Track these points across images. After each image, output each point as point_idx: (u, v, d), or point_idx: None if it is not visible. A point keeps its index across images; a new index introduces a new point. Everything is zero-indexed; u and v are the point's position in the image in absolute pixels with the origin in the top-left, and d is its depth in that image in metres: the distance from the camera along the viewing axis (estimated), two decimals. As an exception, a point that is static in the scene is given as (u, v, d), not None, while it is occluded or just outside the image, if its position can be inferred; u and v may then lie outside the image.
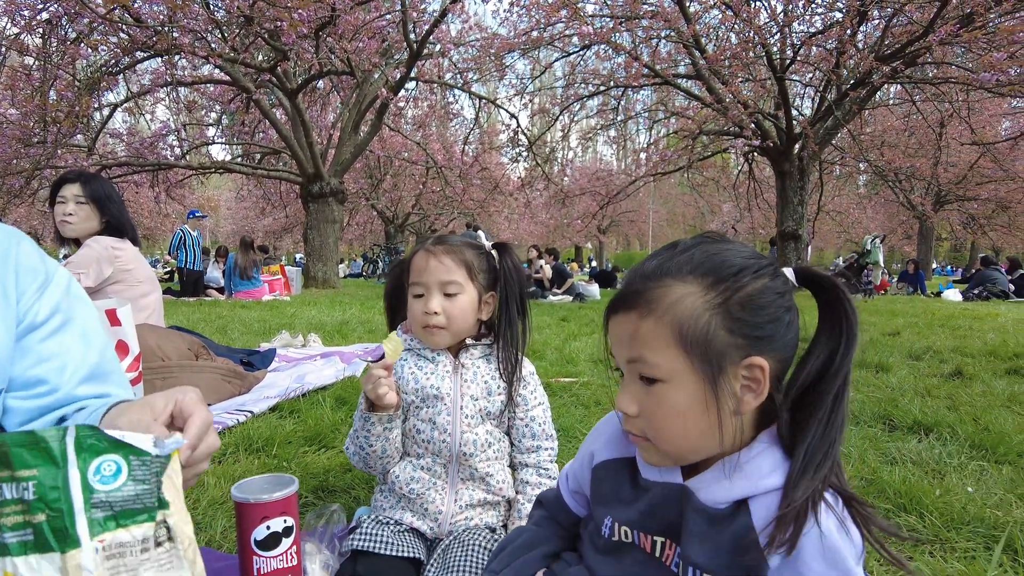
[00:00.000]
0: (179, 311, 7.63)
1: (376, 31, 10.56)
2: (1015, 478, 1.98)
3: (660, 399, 0.78)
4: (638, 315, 0.78)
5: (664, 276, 0.79)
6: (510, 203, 19.84)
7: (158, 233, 27.76)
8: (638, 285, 0.80)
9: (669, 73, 12.03)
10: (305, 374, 3.58)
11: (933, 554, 1.52)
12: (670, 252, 0.82)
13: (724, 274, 0.77)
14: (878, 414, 2.78)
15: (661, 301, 0.77)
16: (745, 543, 0.76)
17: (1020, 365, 3.97)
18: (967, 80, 9.71)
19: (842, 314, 0.78)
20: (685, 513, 0.82)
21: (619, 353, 0.82)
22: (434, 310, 1.38)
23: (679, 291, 0.77)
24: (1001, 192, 20.72)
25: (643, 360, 0.78)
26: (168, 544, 0.67)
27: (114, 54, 9.60)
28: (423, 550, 1.35)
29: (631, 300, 0.80)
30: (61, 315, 0.99)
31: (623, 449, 0.94)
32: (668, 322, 0.76)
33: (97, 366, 1.01)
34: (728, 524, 0.78)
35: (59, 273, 1.03)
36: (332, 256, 13.16)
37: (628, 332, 0.79)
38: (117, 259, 2.95)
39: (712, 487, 0.80)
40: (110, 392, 1.01)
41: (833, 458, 0.76)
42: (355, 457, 1.41)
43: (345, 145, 12.86)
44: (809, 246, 13.20)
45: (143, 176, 13.65)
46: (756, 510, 0.77)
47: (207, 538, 1.53)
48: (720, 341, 0.75)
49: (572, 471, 1.07)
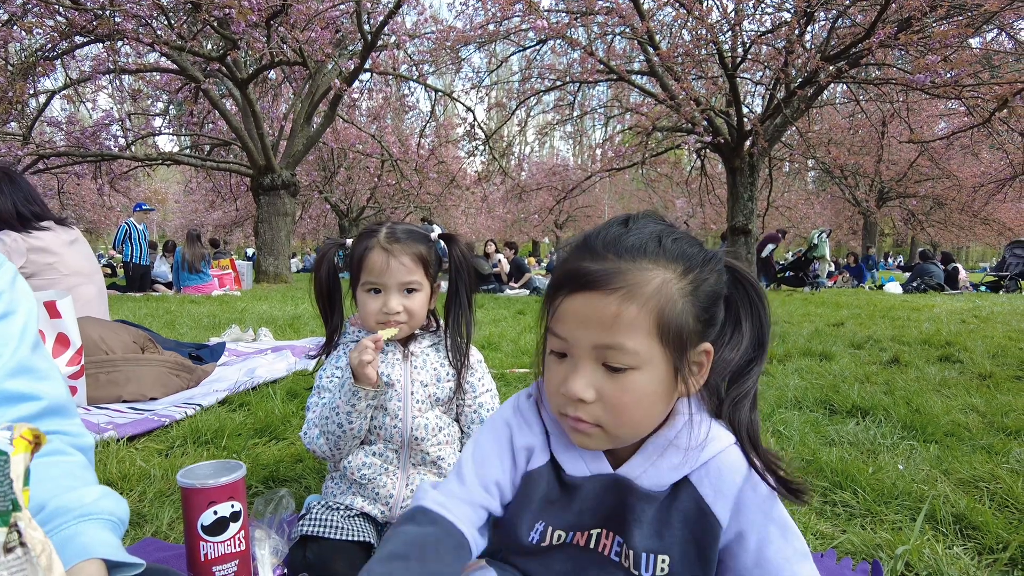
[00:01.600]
0: (125, 306, 7.39)
1: (329, 21, 10.36)
2: (941, 455, 2.10)
3: (626, 385, 0.75)
4: (620, 299, 0.73)
5: (641, 258, 0.75)
6: (467, 197, 19.79)
7: (102, 227, 26.71)
8: (612, 264, 0.75)
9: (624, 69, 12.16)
10: (256, 368, 3.52)
11: (864, 527, 1.60)
12: (622, 229, 0.79)
13: (694, 262, 0.77)
14: (820, 399, 2.90)
15: (646, 286, 0.73)
16: (697, 515, 0.79)
17: (951, 352, 4.18)
18: (905, 81, 10.11)
19: (758, 303, 0.82)
20: (627, 502, 0.82)
21: (581, 336, 0.75)
22: (396, 310, 1.39)
23: (660, 276, 0.74)
24: (938, 189, 21.66)
25: (620, 348, 0.73)
26: (20, 550, 0.60)
27: (51, 38, 9.18)
28: (374, 534, 1.36)
29: (610, 280, 0.74)
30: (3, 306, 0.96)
31: (544, 452, 0.89)
32: (652, 308, 0.73)
33: (29, 360, 0.97)
34: (675, 503, 0.81)
35: (4, 267, 1.00)
36: (284, 250, 12.91)
37: (607, 315, 0.73)
38: (32, 250, 2.80)
39: (650, 471, 0.82)
40: (41, 392, 0.96)
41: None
42: (321, 440, 1.38)
43: (297, 137, 12.62)
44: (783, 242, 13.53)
45: (85, 167, 13.12)
46: (700, 481, 0.80)
47: (153, 529, 1.51)
48: (688, 328, 0.75)
49: (485, 468, 0.90)
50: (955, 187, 20.35)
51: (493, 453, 0.89)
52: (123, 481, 1.80)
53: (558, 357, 0.79)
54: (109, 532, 0.82)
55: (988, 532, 1.53)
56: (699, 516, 0.80)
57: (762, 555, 0.79)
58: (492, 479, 0.87)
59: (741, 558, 0.80)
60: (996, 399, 2.88)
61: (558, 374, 0.79)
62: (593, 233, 0.80)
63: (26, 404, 0.93)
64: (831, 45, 10.89)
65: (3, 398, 0.92)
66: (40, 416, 0.94)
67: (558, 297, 0.77)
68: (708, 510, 0.79)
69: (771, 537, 0.79)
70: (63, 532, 0.79)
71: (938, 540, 1.51)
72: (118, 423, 2.38)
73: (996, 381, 3.31)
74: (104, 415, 2.52)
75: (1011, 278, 12.59)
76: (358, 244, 1.45)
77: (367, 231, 1.47)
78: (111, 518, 0.84)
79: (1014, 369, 3.65)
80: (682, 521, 0.80)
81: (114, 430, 2.26)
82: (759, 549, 0.79)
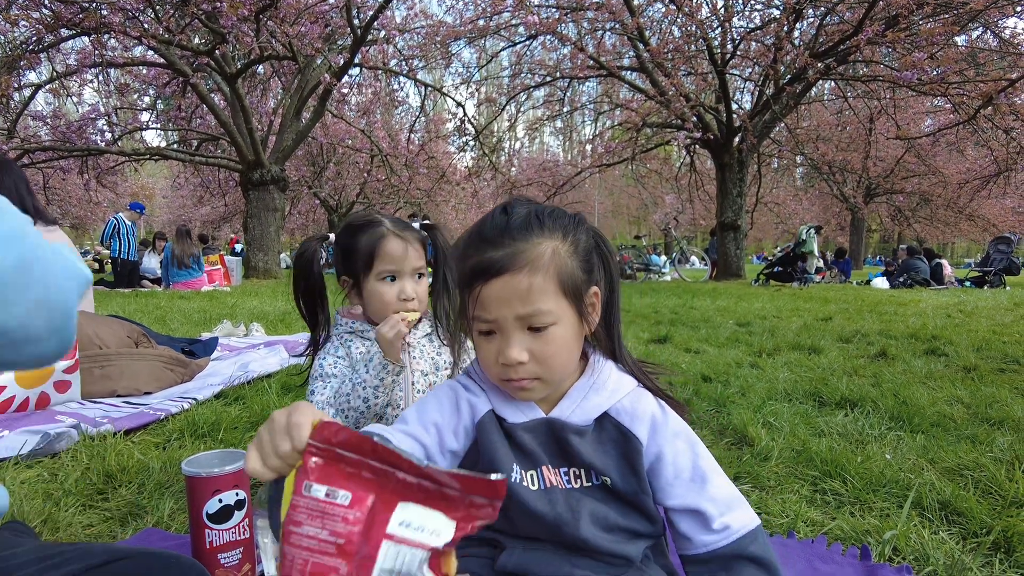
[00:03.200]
0: (114, 302, 7.35)
1: (319, 15, 10.32)
2: (927, 445, 2.15)
3: (550, 339, 0.90)
4: (528, 274, 0.87)
5: (530, 236, 0.90)
6: (457, 193, 19.76)
7: (89, 222, 26.44)
8: (511, 248, 0.88)
9: (614, 65, 12.21)
10: (249, 362, 3.52)
11: (853, 513, 1.64)
12: (505, 216, 0.93)
13: (569, 228, 0.94)
14: (809, 392, 2.94)
15: (543, 257, 0.88)
16: (621, 439, 0.96)
17: (937, 346, 4.24)
18: (892, 78, 10.21)
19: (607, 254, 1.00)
20: (563, 438, 0.96)
21: (505, 312, 0.89)
22: (412, 295, 1.44)
23: (550, 245, 0.90)
24: (924, 186, 21.89)
25: (539, 311, 0.88)
26: None
27: (36, 31, 9.08)
28: None
29: (515, 261, 0.88)
30: None
31: (484, 403, 1.00)
32: (552, 273, 0.89)
33: None
34: (603, 434, 0.98)
35: None
36: (273, 246, 12.85)
37: (522, 290, 0.87)
38: None
39: (577, 411, 0.97)
40: None
41: None
42: (338, 419, 1.39)
43: (286, 132, 12.55)
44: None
45: (71, 162, 13.00)
46: (618, 413, 0.98)
47: (154, 520, 1.52)
48: (578, 278, 0.92)
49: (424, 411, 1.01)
50: (941, 183, 20.57)
51: (433, 402, 1.01)
52: (122, 474, 1.80)
53: (486, 336, 0.92)
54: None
55: (972, 518, 1.58)
56: (623, 439, 0.96)
57: (677, 465, 0.95)
58: (431, 420, 0.98)
59: (664, 474, 0.96)
60: (980, 391, 2.94)
61: (491, 350, 0.92)
62: (483, 225, 0.94)
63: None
64: (820, 42, 10.97)
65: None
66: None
67: (476, 287, 0.90)
68: (630, 433, 0.96)
69: (681, 449, 0.96)
70: None
71: (924, 526, 1.55)
72: (113, 417, 2.38)
73: (980, 373, 3.37)
74: (99, 409, 2.52)
75: (995, 274, 12.73)
76: (363, 235, 1.47)
77: (365, 223, 1.49)
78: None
79: (998, 362, 3.72)
80: (612, 444, 0.97)
81: (110, 424, 2.26)
82: (674, 461, 0.96)
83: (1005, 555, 1.44)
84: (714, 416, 2.52)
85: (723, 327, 5.37)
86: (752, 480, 1.86)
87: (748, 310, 6.81)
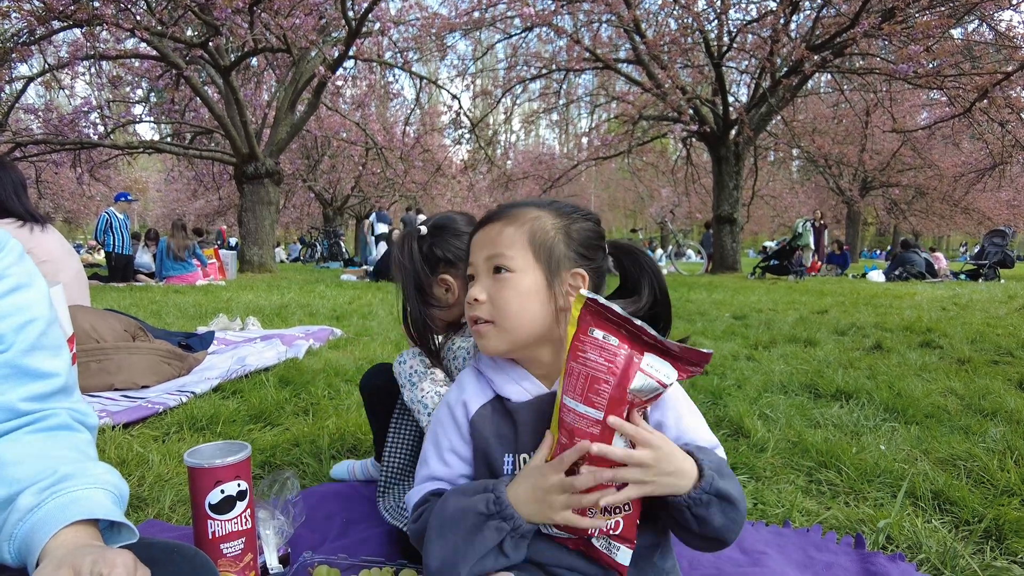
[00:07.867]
0: (108, 297, 7.33)
1: (313, 7, 10.25)
2: (921, 436, 2.17)
3: (506, 284, 0.98)
4: (503, 223, 1.01)
5: (526, 206, 1.04)
6: (453, 186, 19.68)
7: (81, 216, 26.33)
8: (506, 209, 1.04)
9: (610, 57, 12.16)
10: (246, 356, 3.52)
11: (848, 503, 1.66)
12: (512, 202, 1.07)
13: (565, 211, 1.04)
14: (805, 384, 2.96)
15: (523, 216, 1.02)
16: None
17: (931, 338, 4.27)
18: (888, 71, 10.21)
19: (648, 267, 1.05)
20: None
21: (480, 255, 1.02)
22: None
23: (536, 212, 1.02)
24: (920, 179, 21.90)
25: (501, 254, 0.99)
26: None
27: (27, 23, 9.00)
28: None
29: (501, 214, 1.04)
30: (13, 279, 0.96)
31: (486, 393, 1.05)
32: (526, 230, 1.00)
33: (47, 335, 0.98)
34: None
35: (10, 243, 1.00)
36: (268, 239, 12.80)
37: (493, 235, 1.01)
38: None
39: None
40: (59, 369, 0.97)
41: None
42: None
43: (281, 125, 12.48)
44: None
45: (63, 155, 12.89)
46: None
47: (155, 512, 1.53)
48: (558, 251, 1.00)
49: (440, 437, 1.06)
50: (936, 176, 20.60)
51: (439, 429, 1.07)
52: (121, 466, 1.81)
53: (470, 281, 1.04)
54: (112, 503, 0.84)
55: (965, 507, 1.60)
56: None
57: (680, 429, 1.00)
58: (446, 448, 1.04)
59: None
60: (974, 383, 2.96)
61: (469, 293, 1.03)
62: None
63: (45, 381, 0.93)
64: (816, 35, 10.96)
65: (23, 373, 0.91)
66: (57, 394, 0.95)
67: (472, 236, 1.06)
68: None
69: (682, 413, 1.02)
70: (72, 494, 0.80)
71: (918, 514, 1.57)
72: (111, 411, 2.38)
73: (974, 365, 3.39)
74: (97, 403, 2.52)
75: (990, 266, 12.78)
76: (463, 231, 1.41)
77: (447, 218, 1.45)
78: (115, 491, 0.87)
79: (991, 354, 3.74)
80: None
81: (108, 417, 2.26)
82: (676, 425, 1.00)
83: (996, 543, 1.46)
84: (711, 408, 2.53)
85: (719, 320, 5.39)
86: (748, 471, 1.87)
87: (744, 303, 6.84)
